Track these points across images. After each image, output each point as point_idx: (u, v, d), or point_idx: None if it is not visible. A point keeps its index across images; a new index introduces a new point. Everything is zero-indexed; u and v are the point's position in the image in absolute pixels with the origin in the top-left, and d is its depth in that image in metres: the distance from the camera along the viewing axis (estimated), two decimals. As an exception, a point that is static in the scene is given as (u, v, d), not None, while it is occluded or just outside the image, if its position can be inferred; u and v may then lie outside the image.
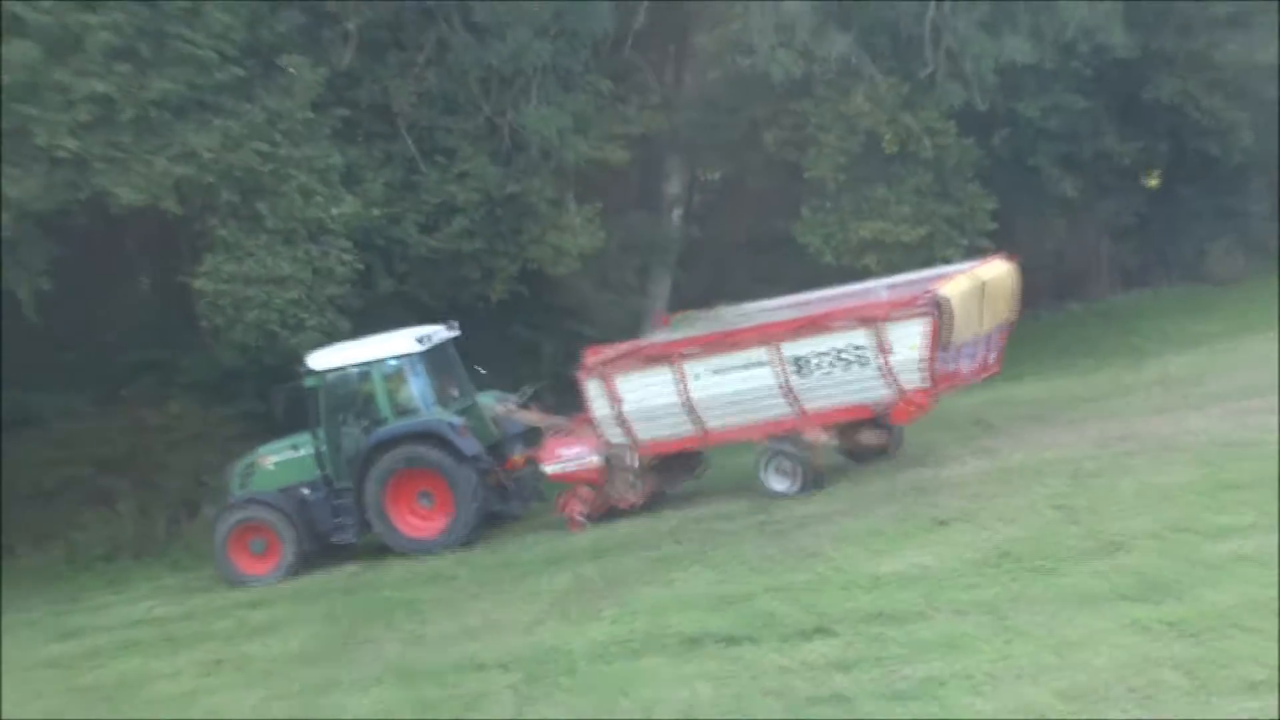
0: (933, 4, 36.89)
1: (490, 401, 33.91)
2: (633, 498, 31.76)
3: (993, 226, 40.78)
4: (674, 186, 42.81)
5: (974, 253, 40.39)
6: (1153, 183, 50.15)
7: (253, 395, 37.95)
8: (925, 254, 38.72)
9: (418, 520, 32.58)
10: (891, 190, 39.35)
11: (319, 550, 33.14)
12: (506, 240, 37.25)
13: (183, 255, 37.53)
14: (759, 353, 30.71)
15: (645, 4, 37.52)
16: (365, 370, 32.92)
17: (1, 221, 34.06)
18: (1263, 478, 25.69)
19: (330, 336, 35.56)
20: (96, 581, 37.15)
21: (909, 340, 29.88)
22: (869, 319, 30.19)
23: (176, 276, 37.37)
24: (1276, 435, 27.90)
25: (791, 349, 30.35)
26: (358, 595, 31.11)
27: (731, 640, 23.24)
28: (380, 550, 33.69)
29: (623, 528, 31.52)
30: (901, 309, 30.34)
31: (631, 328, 37.56)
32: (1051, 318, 47.75)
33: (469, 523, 32.07)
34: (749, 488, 32.24)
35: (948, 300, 30.17)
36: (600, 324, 37.56)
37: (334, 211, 35.10)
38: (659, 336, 33.90)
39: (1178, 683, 18.22)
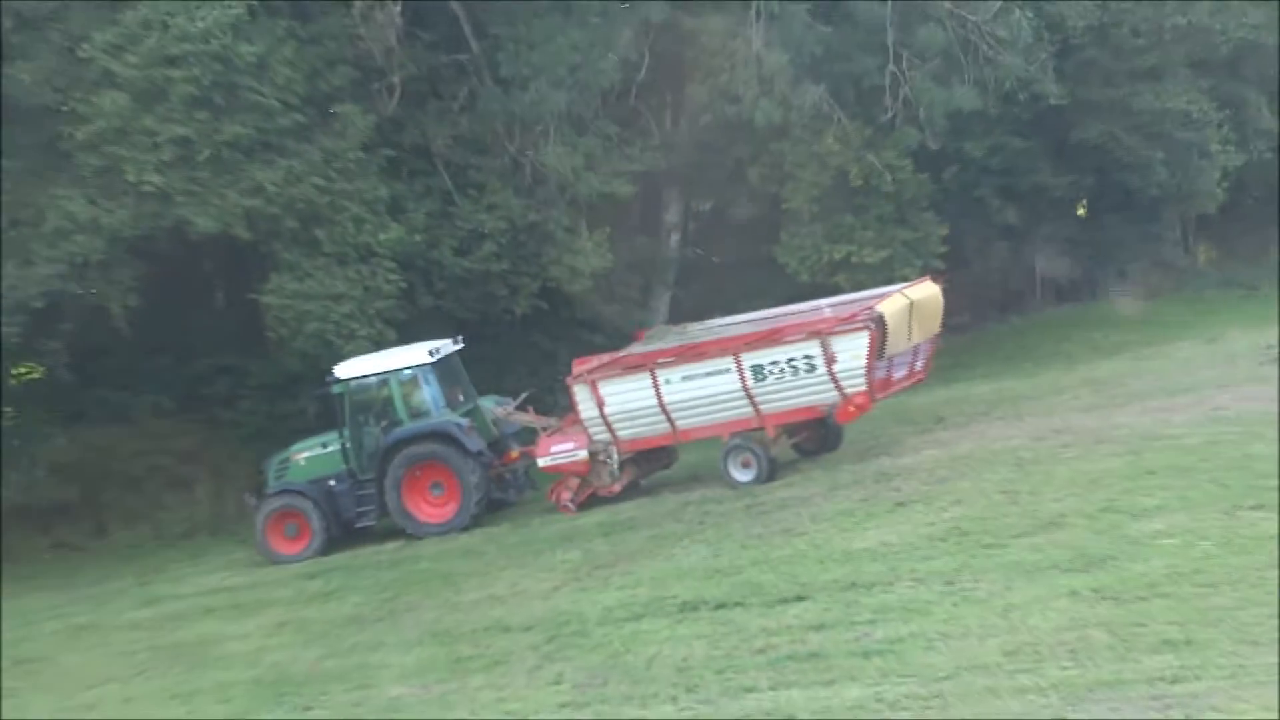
0: (891, 60, 37.11)
1: (490, 405, 34.14)
2: (614, 486, 32.05)
3: (944, 249, 40.90)
4: (672, 215, 42.96)
5: (929, 272, 40.54)
6: (1081, 212, 50.49)
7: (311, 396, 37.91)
8: (886, 273, 38.91)
9: (430, 507, 32.86)
10: (857, 218, 39.54)
11: (344, 534, 33.44)
12: (528, 262, 37.27)
13: (251, 275, 37.45)
14: (723, 362, 31.11)
15: (646, 60, 37.71)
16: (384, 379, 33.17)
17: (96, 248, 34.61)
18: (1178, 465, 26.15)
19: (378, 345, 35.71)
20: (177, 556, 37.20)
21: (852, 351, 30.27)
22: (817, 332, 30.71)
23: (246, 293, 37.53)
24: (1188, 429, 28.38)
25: (750, 358, 30.75)
26: (400, 568, 31.22)
27: (723, 605, 23.41)
28: (399, 533, 33.97)
29: (627, 510, 31.71)
30: (845, 324, 30.88)
31: (634, 336, 37.53)
32: (996, 328, 47.97)
33: (474, 509, 32.43)
34: (716, 477, 32.51)
35: (884, 317, 30.69)
36: (608, 333, 37.60)
37: (381, 237, 35.14)
38: (636, 348, 34.10)
39: (1104, 641, 18.44)
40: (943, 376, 40.17)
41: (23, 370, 40.26)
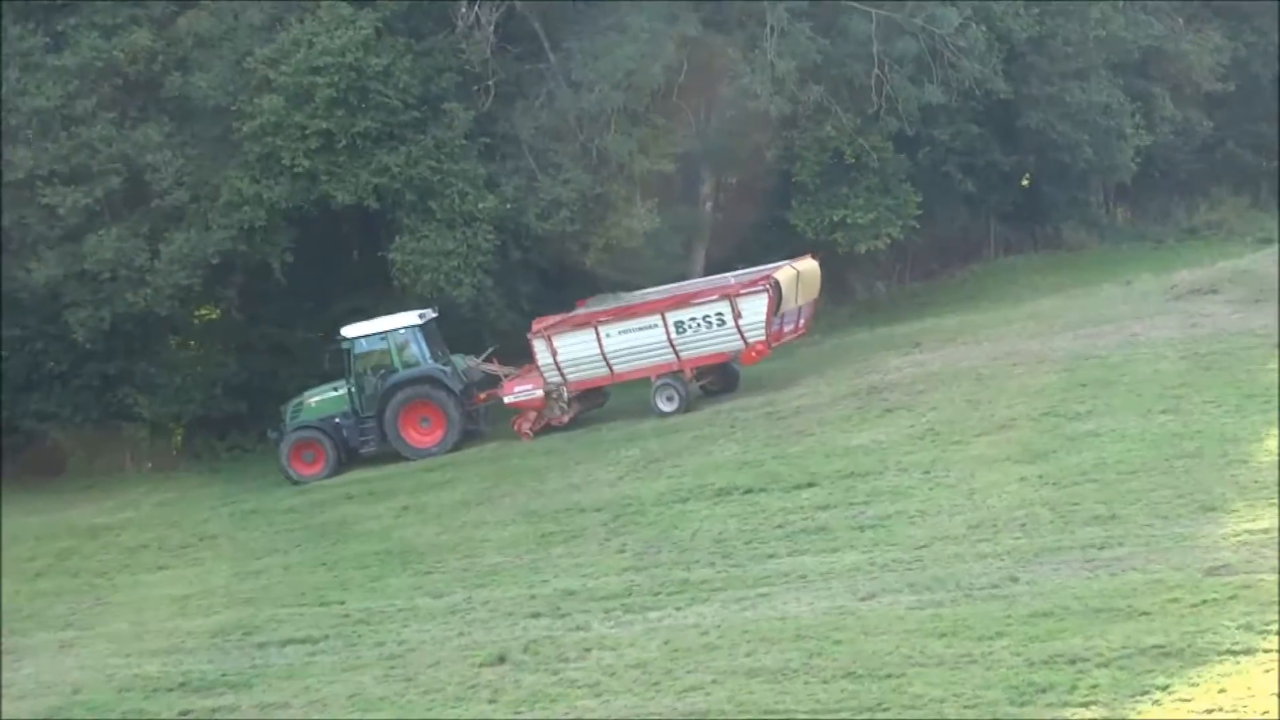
0: (875, 65, 36.81)
1: (460, 359, 33.71)
2: (563, 418, 31.97)
3: (918, 213, 40.43)
4: (706, 188, 42.26)
5: (907, 231, 41.11)
6: (1025, 183, 49.54)
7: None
8: (874, 231, 39.40)
9: (419, 435, 32.53)
10: (850, 189, 38.83)
11: (350, 459, 33.22)
12: (595, 224, 36.47)
13: (380, 237, 37.10)
14: (652, 319, 31.10)
15: (685, 67, 37.21)
16: (384, 336, 32.72)
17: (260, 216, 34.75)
18: (1104, 380, 26.09)
19: (479, 291, 35.42)
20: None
21: (754, 309, 30.29)
22: (728, 295, 30.74)
23: (376, 251, 37.35)
24: (1111, 351, 28.16)
25: (674, 315, 30.89)
26: (497, 464, 30.84)
27: (750, 491, 23.63)
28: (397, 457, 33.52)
29: (673, 420, 31.33)
30: (749, 288, 30.93)
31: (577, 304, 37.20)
32: (959, 274, 47.06)
33: (454, 437, 32.14)
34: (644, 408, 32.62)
35: (779, 282, 30.83)
36: (658, 280, 37.37)
37: (480, 206, 34.44)
38: (581, 311, 33.85)
39: (1047, 517, 18.93)
40: (919, 312, 40.33)
41: (203, 312, 39.75)
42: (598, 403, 33.13)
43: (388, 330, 32.59)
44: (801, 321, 33.36)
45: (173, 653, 21.23)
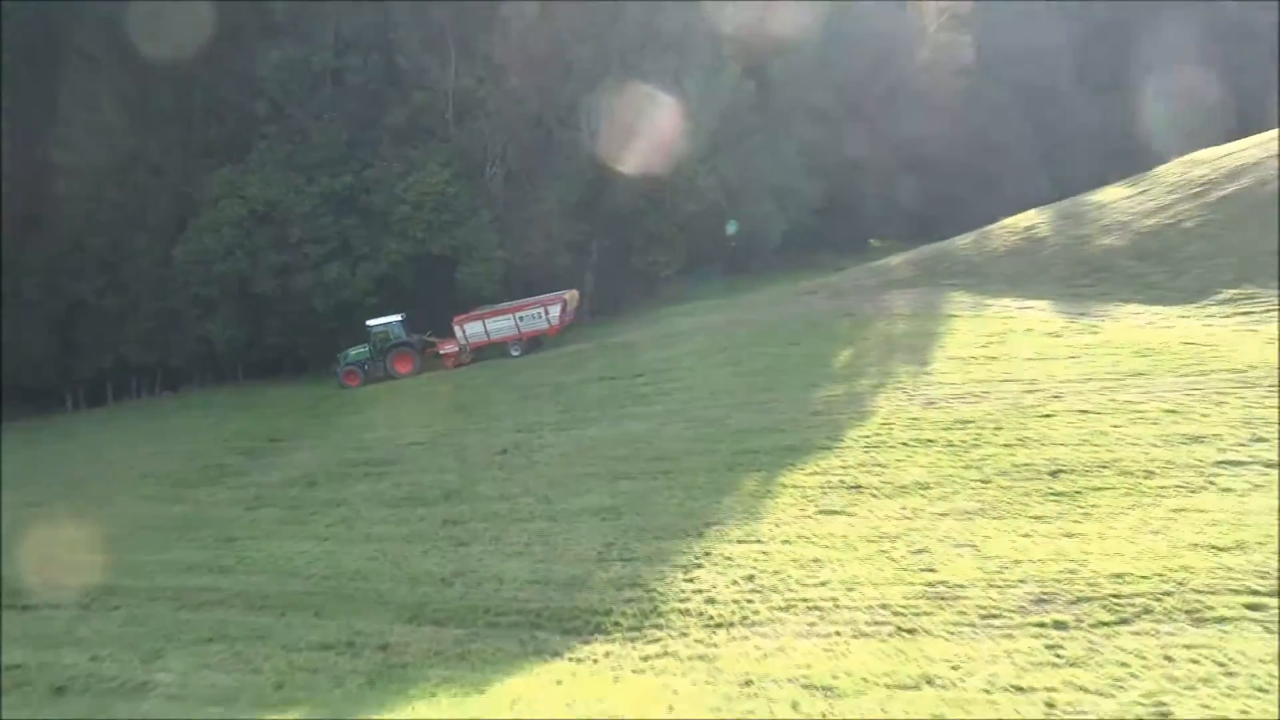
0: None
1: (418, 336, 49.58)
2: (465, 360, 48.52)
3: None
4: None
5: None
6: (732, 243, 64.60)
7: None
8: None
9: (401, 369, 49.03)
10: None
11: (370, 379, 48.04)
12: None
13: (451, 268, 54.32)
14: (507, 316, 48.59)
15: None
16: (386, 325, 49.66)
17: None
18: (768, 329, 37.59)
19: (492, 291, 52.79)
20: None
21: (555, 310, 48.00)
22: (543, 303, 48.10)
23: (451, 274, 53.52)
24: (770, 317, 39.02)
25: (519, 313, 48.25)
26: (500, 368, 44.21)
27: (613, 379, 34.96)
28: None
29: (530, 358, 44.38)
30: (553, 300, 48.17)
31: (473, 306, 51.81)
32: (690, 289, 59.00)
33: (417, 369, 48.55)
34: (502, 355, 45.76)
35: (566, 299, 48.90)
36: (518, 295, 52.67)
37: (495, 254, 54.16)
38: (474, 313, 49.23)
39: (743, 387, 29.73)
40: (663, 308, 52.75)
41: (371, 302, 53.27)
42: (479, 355, 48.81)
43: (387, 322, 49.41)
44: (569, 319, 49.75)
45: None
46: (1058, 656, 15.09)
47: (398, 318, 48.96)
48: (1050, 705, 14.05)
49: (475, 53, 51.80)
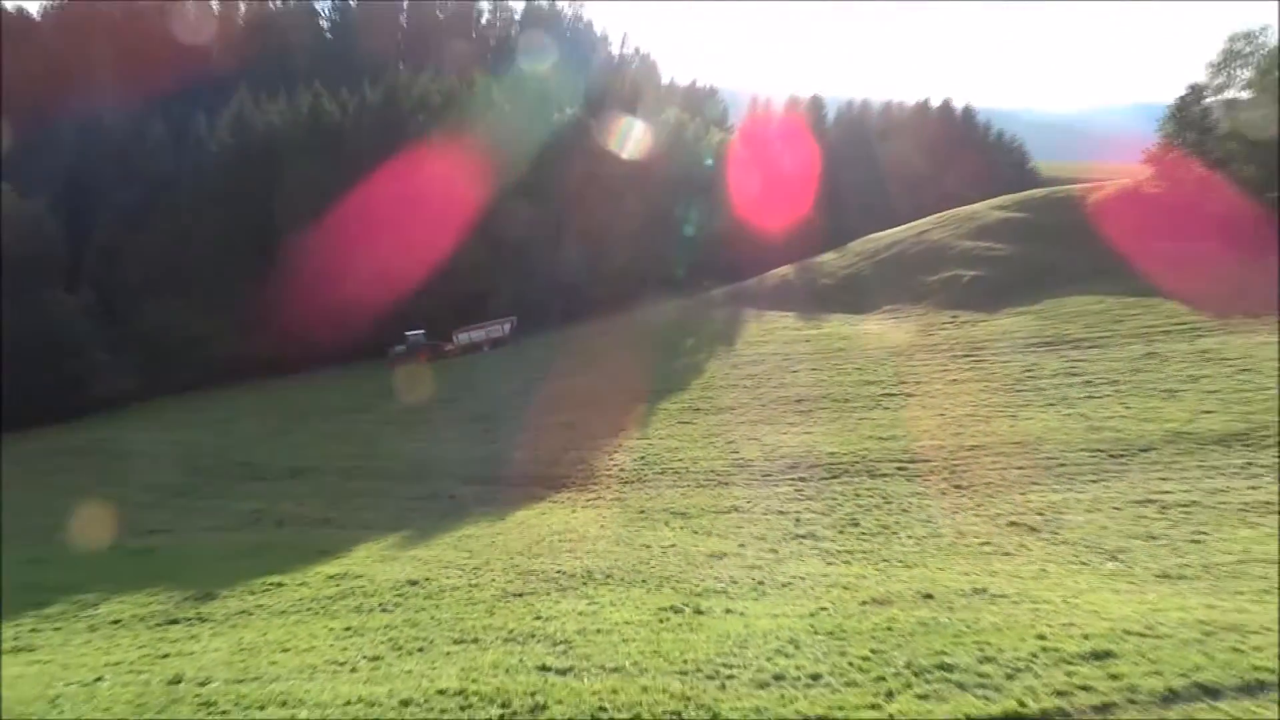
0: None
1: (430, 339, 63.69)
2: (458, 352, 61.87)
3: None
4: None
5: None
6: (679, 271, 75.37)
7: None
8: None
9: (426, 358, 61.06)
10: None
11: (416, 361, 60.24)
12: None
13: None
14: (480, 330, 63.85)
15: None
16: (418, 335, 64.08)
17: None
18: (696, 327, 49.11)
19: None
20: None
21: (505, 327, 64.05)
22: (504, 321, 63.37)
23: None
24: (699, 319, 50.13)
25: (487, 327, 63.75)
26: (548, 349, 55.25)
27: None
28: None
29: (499, 351, 57.75)
30: (507, 320, 64.30)
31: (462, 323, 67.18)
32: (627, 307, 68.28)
33: (433, 358, 60.87)
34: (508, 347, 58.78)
35: (515, 319, 63.96)
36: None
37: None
38: (464, 327, 64.12)
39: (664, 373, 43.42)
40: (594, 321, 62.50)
41: None
42: (466, 352, 64.11)
43: (414, 333, 64.67)
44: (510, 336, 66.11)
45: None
46: (799, 494, 22.15)
47: (421, 330, 65.97)
48: (798, 520, 20.19)
49: None
